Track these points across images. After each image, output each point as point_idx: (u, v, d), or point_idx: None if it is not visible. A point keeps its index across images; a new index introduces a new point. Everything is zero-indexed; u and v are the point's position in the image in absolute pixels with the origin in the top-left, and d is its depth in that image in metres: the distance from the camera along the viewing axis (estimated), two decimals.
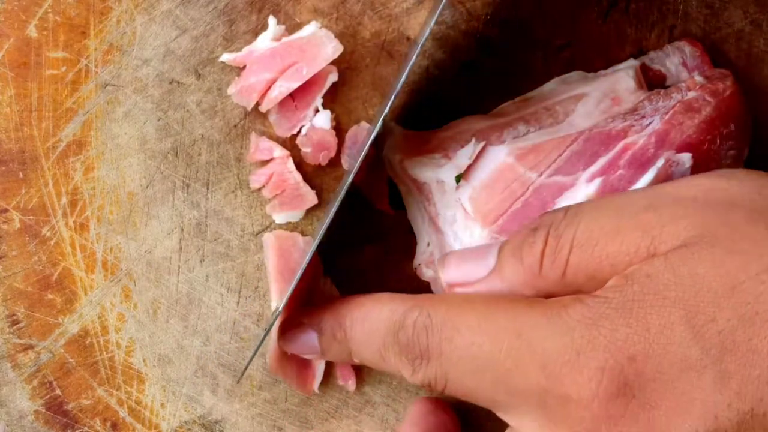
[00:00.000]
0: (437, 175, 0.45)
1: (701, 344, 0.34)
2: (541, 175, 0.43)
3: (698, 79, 0.45)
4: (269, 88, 0.47)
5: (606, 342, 0.35)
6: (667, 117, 0.43)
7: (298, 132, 0.48)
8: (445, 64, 0.48)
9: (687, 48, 0.47)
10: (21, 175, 0.47)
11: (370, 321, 0.42)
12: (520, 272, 0.39)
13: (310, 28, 0.47)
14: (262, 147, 0.47)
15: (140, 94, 0.47)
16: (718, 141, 0.43)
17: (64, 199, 0.47)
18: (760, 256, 0.35)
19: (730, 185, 0.38)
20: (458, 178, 0.44)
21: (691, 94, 0.44)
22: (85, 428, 0.48)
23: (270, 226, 0.48)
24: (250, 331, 0.48)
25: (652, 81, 0.47)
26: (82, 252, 0.47)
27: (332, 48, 0.46)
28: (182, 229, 0.48)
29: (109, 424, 0.48)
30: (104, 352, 0.48)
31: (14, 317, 0.47)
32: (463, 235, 0.44)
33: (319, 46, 0.46)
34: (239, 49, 0.47)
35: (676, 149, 0.42)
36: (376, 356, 0.42)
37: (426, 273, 0.46)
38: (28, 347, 0.47)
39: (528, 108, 0.46)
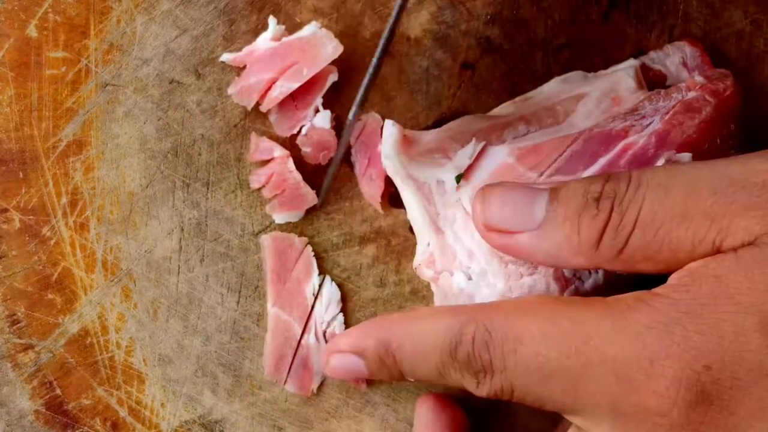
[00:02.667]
0: (437, 175, 0.45)
1: None
2: (541, 175, 0.43)
3: (698, 79, 0.45)
4: (269, 88, 0.47)
5: (680, 351, 0.35)
6: (667, 117, 0.43)
7: (298, 132, 0.48)
8: (445, 64, 0.48)
9: (687, 48, 0.48)
10: (21, 175, 0.47)
11: (422, 340, 0.41)
12: (574, 242, 0.38)
13: (310, 28, 0.47)
14: (262, 147, 0.47)
15: (140, 94, 0.47)
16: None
17: (64, 199, 0.47)
18: None
19: None
20: (458, 178, 0.44)
21: (692, 94, 0.44)
22: (85, 428, 0.48)
23: (270, 226, 0.48)
24: (250, 331, 0.48)
25: (653, 81, 0.47)
26: (82, 252, 0.47)
27: (332, 48, 0.46)
28: (182, 229, 0.48)
29: (109, 423, 0.48)
30: (104, 352, 0.48)
31: (14, 317, 0.47)
32: (463, 235, 0.44)
33: (319, 46, 0.46)
34: (239, 49, 0.47)
35: (676, 149, 0.42)
36: (434, 373, 0.41)
37: (426, 273, 0.46)
38: (28, 347, 0.47)
39: (528, 108, 0.46)
